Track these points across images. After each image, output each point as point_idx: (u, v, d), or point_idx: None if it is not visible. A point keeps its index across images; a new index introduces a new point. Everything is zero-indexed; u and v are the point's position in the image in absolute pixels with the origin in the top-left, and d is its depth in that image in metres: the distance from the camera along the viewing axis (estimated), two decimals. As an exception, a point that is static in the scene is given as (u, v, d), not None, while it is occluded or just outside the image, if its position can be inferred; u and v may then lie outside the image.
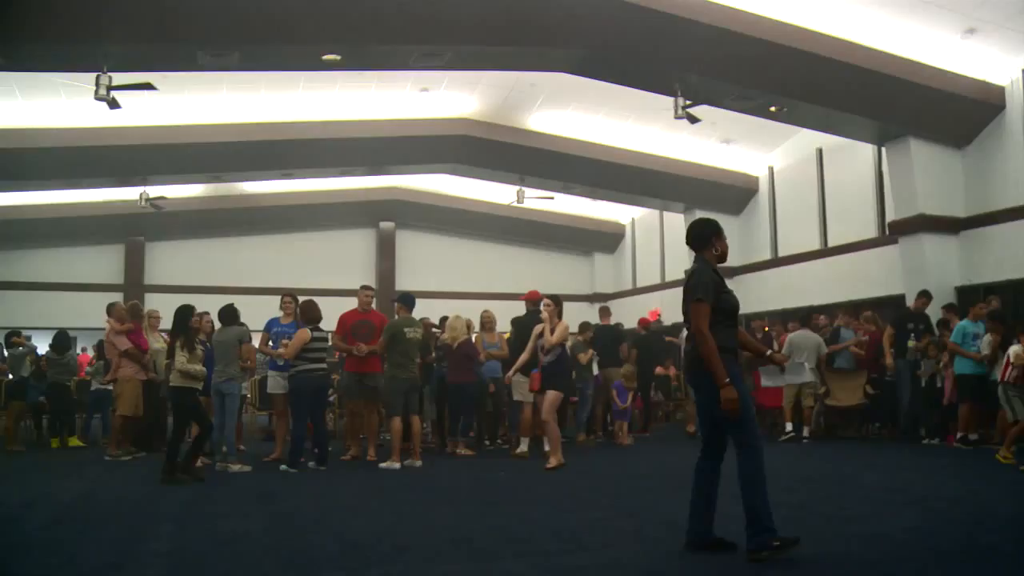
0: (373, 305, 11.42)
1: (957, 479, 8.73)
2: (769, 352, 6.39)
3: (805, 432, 12.73)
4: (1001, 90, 14.29)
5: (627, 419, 13.28)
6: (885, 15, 12.75)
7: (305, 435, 9.89)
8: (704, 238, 5.40)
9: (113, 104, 12.57)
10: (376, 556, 5.38)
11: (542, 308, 10.13)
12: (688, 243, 5.52)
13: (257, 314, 11.72)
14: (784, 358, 9.59)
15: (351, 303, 11.27)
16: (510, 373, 10.96)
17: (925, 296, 12.63)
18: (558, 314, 9.97)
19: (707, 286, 5.16)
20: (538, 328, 10.09)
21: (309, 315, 10.00)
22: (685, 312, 5.27)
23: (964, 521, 6.23)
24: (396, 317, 10.70)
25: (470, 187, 22.73)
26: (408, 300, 10.85)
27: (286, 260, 23.97)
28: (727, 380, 4.93)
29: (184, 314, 9.37)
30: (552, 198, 21.57)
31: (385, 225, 25.57)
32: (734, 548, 5.13)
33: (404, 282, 23.76)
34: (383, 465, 9.95)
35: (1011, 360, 9.59)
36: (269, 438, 12.68)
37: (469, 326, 12.15)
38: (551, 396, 9.76)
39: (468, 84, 15.93)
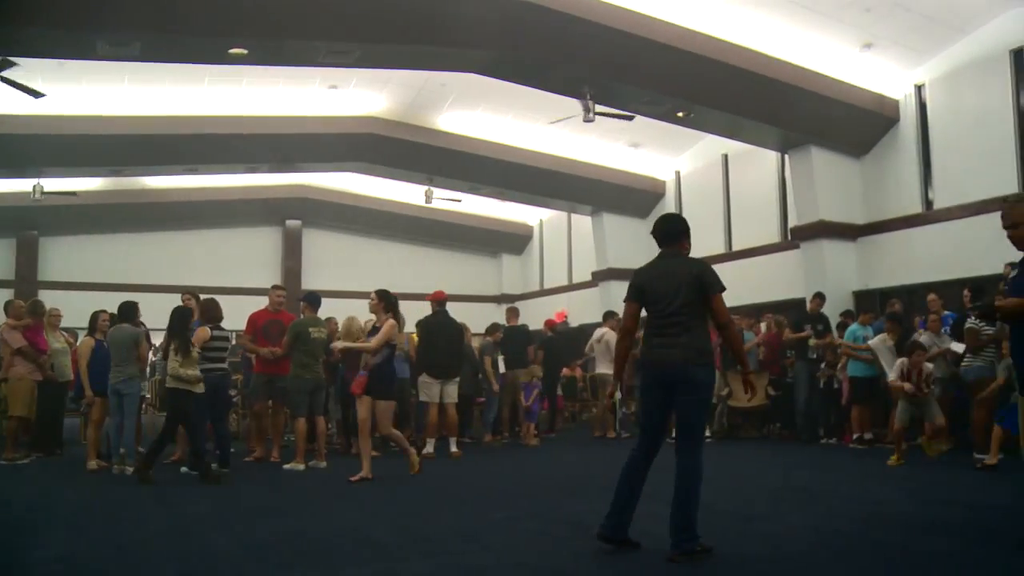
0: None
1: (852, 477, 9.00)
2: None
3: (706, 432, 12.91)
4: (896, 103, 14.83)
5: (534, 420, 13.33)
6: (789, 27, 13.08)
7: (205, 436, 9.63)
8: (676, 234, 5.46)
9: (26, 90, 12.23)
10: (278, 558, 5.27)
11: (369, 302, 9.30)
12: (661, 238, 5.49)
13: (160, 312, 11.36)
14: None
15: (257, 302, 11.06)
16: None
17: (819, 298, 13.03)
18: (385, 309, 9.02)
19: (719, 279, 5.21)
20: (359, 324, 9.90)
21: (209, 314, 9.70)
22: (674, 305, 5.12)
23: (856, 518, 6.40)
24: (301, 316, 10.55)
25: (378, 186, 22.50)
26: (314, 299, 10.71)
27: (190, 257, 23.37)
28: (748, 369, 5.25)
29: (182, 316, 9.25)
30: (459, 200, 21.46)
31: (292, 223, 25.15)
32: (638, 547, 5.17)
33: (311, 281, 23.40)
34: (287, 466, 9.78)
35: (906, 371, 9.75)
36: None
37: (366, 328, 12.05)
38: (382, 408, 8.81)
39: (377, 83, 15.77)
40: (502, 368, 13.26)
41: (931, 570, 4.82)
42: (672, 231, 5.45)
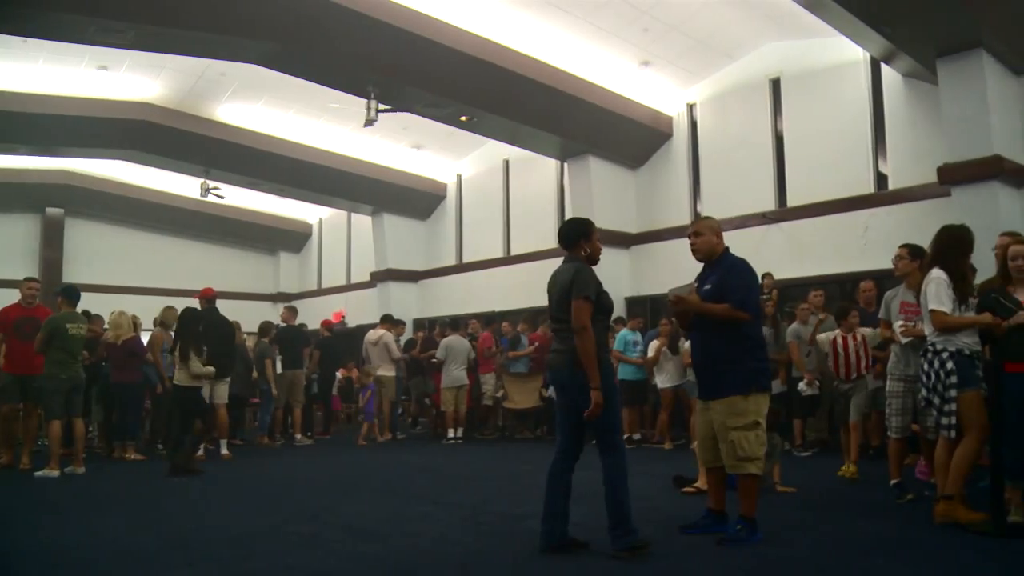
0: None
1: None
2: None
3: (459, 433, 13.30)
4: (670, 119, 15.69)
5: (371, 420, 13.54)
6: (573, 39, 13.49)
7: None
8: (571, 238, 5.41)
9: None
10: (26, 573, 4.91)
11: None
12: (559, 242, 5.49)
13: None
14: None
15: (11, 295, 10.23)
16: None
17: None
18: None
19: (593, 285, 5.17)
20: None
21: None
22: (557, 310, 5.25)
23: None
24: (59, 311, 9.83)
25: (151, 176, 21.36)
26: (71, 293, 9.94)
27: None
28: (597, 385, 5.01)
29: (194, 318, 10.07)
30: (223, 198, 20.32)
31: (52, 211, 23.40)
32: (586, 546, 5.23)
33: (74, 274, 21.86)
34: (39, 474, 9.13)
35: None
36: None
37: (136, 323, 11.52)
38: None
39: (153, 67, 14.96)
40: (279, 368, 12.98)
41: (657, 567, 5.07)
42: (565, 235, 5.47)
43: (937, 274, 5.85)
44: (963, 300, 5.83)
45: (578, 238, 5.39)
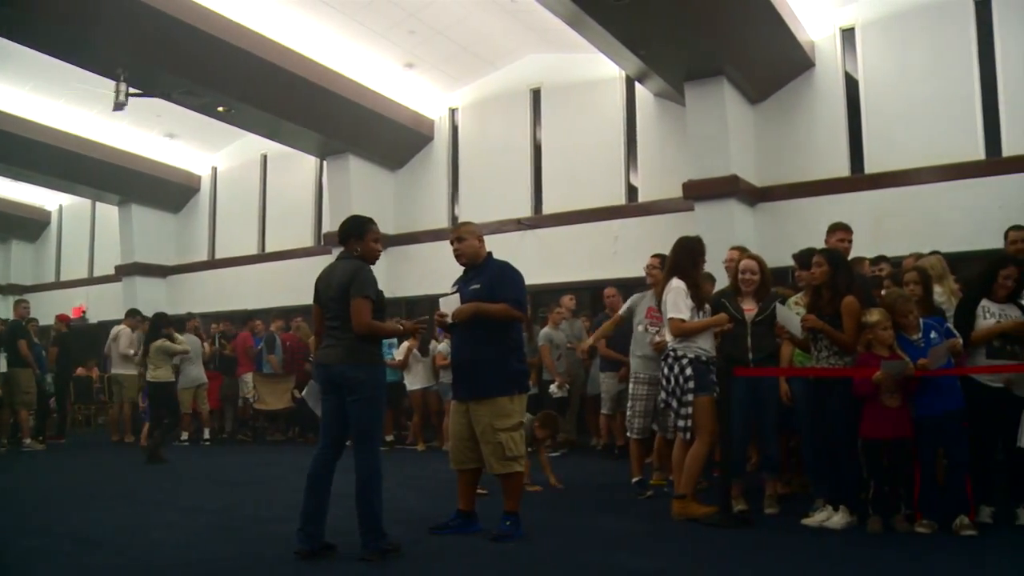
0: None
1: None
2: None
3: (205, 435, 13.04)
4: (432, 123, 15.78)
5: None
6: (339, 37, 13.31)
7: None
8: (347, 235, 5.34)
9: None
10: None
11: None
12: (338, 239, 5.44)
13: None
14: None
15: None
16: None
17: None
18: None
19: (373, 284, 5.14)
20: None
21: None
22: (333, 307, 5.17)
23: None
24: None
25: None
26: None
27: None
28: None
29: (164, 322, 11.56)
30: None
31: None
32: (334, 549, 5.13)
33: None
34: None
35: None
36: None
37: None
38: None
39: None
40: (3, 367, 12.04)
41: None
42: (343, 232, 5.39)
43: (676, 284, 6.23)
44: (700, 307, 6.23)
45: (352, 235, 5.35)
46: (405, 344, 11.56)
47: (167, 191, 19.11)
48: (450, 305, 5.71)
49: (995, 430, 5.84)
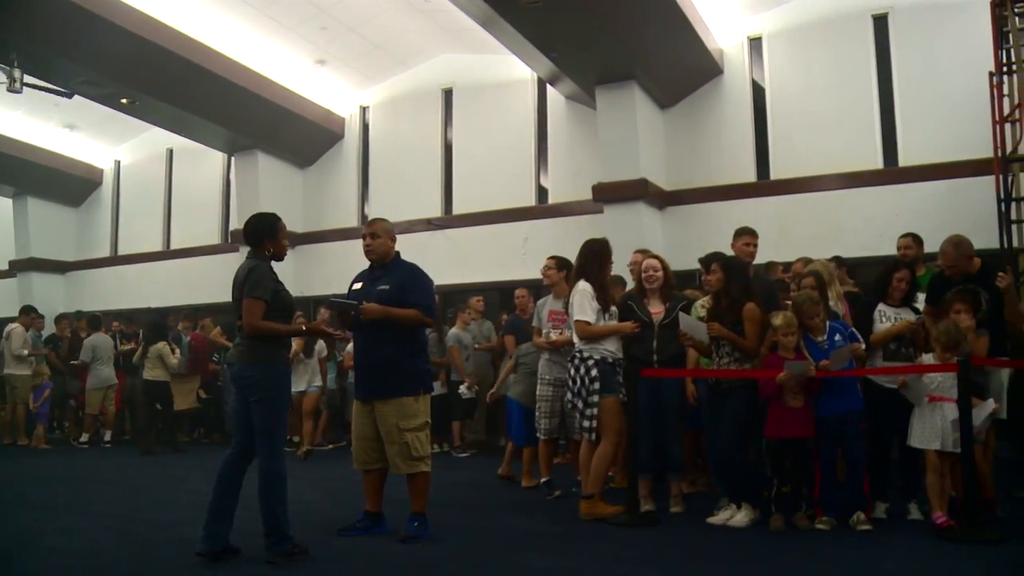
0: None
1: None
2: None
3: (107, 436, 12.79)
4: (343, 120, 15.64)
5: (44, 422, 12.61)
6: (249, 32, 13.07)
7: None
8: (255, 236, 5.27)
9: None
10: None
11: None
12: (244, 239, 5.38)
13: None
14: None
15: None
16: None
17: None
18: None
19: (266, 285, 5.07)
20: None
21: None
22: (236, 308, 5.15)
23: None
24: None
25: None
26: None
27: None
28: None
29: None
30: None
31: None
32: (238, 553, 5.04)
33: None
34: None
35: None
36: None
37: None
38: None
39: None
40: None
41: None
42: (255, 232, 5.32)
43: (583, 286, 6.30)
44: (606, 309, 6.31)
45: (259, 236, 5.30)
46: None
47: (66, 184, 18.48)
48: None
49: (891, 430, 6.08)
